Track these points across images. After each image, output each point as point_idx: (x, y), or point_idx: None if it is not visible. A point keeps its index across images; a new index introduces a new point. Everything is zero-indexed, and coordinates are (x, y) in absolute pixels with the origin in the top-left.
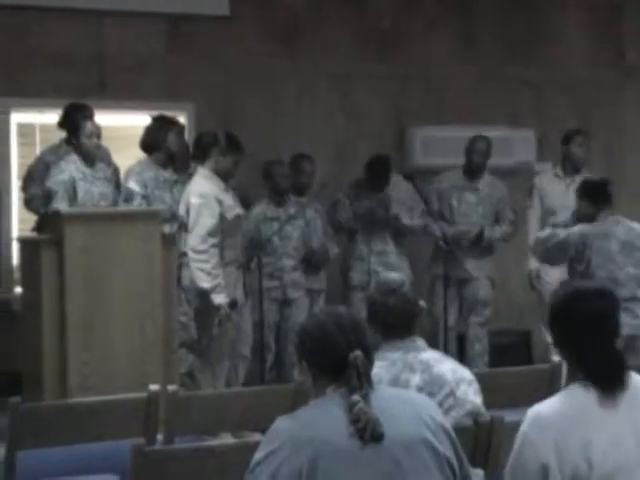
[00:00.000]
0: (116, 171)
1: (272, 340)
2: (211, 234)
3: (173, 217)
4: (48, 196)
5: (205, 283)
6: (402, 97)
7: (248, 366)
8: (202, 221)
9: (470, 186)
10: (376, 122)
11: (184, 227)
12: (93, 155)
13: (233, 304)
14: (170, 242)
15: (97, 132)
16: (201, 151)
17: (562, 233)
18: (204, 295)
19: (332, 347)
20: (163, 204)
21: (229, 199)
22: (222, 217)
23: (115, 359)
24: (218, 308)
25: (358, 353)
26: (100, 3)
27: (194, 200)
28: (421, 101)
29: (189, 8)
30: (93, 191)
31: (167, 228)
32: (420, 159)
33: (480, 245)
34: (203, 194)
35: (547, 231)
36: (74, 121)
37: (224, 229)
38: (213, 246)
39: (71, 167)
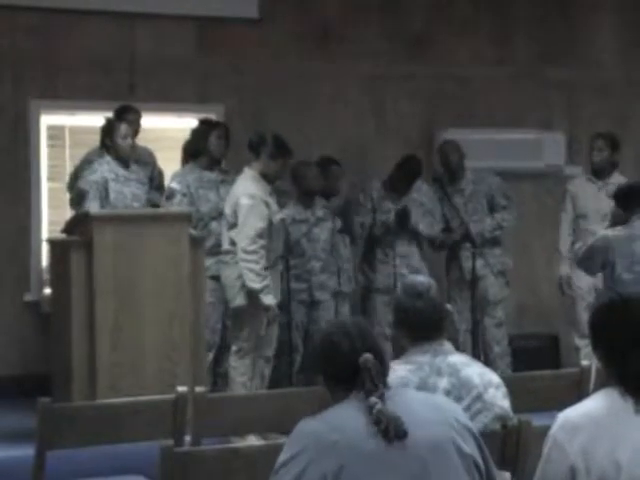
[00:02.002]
0: (160, 174)
1: (300, 342)
2: (260, 235)
3: (220, 215)
4: (80, 196)
5: (255, 284)
6: (433, 99)
7: (271, 368)
8: (251, 222)
9: (455, 189)
10: (406, 124)
11: (228, 225)
12: (127, 156)
13: (281, 305)
14: (199, 244)
15: (134, 133)
16: (251, 151)
17: (590, 240)
18: (252, 295)
19: (340, 354)
20: (208, 202)
21: (273, 203)
22: (269, 220)
23: (144, 360)
24: (268, 308)
25: (367, 356)
26: (131, 6)
27: (244, 201)
28: (452, 103)
29: (219, 11)
30: (125, 192)
31: (214, 225)
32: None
33: (474, 243)
34: (252, 195)
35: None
36: (109, 122)
37: (270, 232)
38: (262, 247)
39: (104, 168)
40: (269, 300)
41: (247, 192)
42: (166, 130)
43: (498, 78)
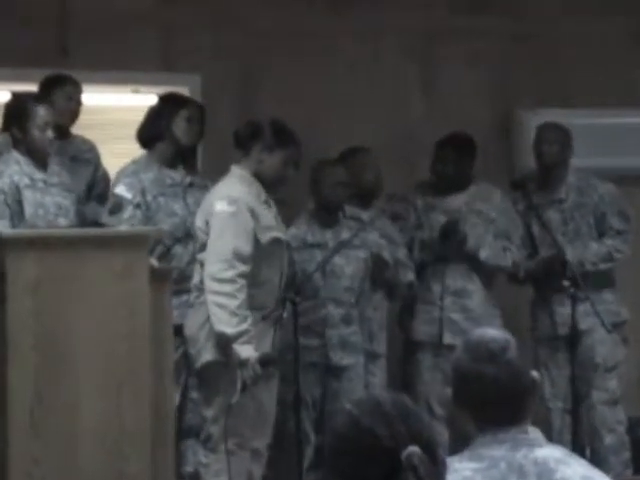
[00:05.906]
0: (105, 177)
1: (311, 427)
2: (241, 258)
3: (188, 236)
4: None
5: (227, 327)
6: (508, 67)
7: (264, 465)
8: (228, 238)
9: (549, 198)
10: (469, 103)
11: (199, 246)
12: (45, 153)
13: (266, 360)
14: (163, 279)
15: (73, 115)
16: (239, 147)
17: None
18: (224, 344)
19: (374, 448)
20: (173, 217)
21: (268, 215)
22: (256, 239)
23: (80, 452)
24: (243, 364)
25: (413, 449)
26: None
27: (219, 207)
28: (536, 72)
29: None
30: (46, 203)
31: (179, 250)
32: None
33: (575, 279)
34: (234, 199)
35: None
36: (21, 102)
37: (261, 258)
38: (242, 276)
39: (13, 169)
40: (247, 352)
41: (226, 194)
42: (114, 110)
43: (606, 36)
